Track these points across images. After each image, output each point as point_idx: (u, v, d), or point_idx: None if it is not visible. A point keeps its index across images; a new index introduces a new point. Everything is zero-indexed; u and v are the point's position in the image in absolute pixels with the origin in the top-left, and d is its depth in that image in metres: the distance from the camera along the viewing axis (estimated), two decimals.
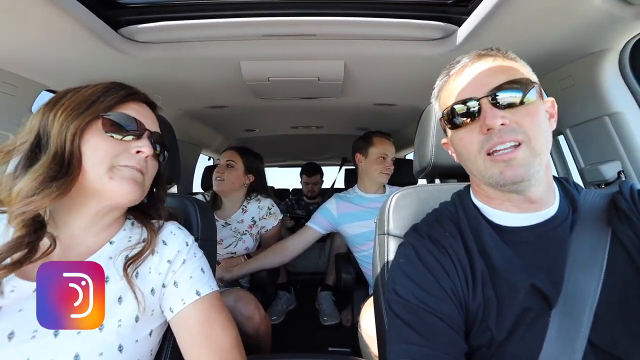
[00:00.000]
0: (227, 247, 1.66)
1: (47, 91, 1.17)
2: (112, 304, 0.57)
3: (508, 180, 0.53)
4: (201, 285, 0.65)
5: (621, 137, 0.91)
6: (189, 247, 0.69)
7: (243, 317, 1.34)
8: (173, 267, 0.65)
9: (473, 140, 0.55)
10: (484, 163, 0.54)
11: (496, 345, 0.52)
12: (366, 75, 1.23)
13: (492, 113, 0.52)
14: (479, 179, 0.59)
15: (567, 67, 1.00)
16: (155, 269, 0.63)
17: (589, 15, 0.78)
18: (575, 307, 0.50)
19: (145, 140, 0.61)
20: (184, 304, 0.62)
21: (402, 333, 0.54)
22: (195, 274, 0.66)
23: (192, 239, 0.71)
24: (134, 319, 0.58)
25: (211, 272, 0.71)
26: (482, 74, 0.57)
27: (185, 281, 0.64)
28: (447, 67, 0.64)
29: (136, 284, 0.59)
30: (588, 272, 0.51)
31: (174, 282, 0.64)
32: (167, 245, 0.66)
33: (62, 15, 0.74)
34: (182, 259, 0.66)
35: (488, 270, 0.56)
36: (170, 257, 0.65)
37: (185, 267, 0.65)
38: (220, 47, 0.98)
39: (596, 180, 0.97)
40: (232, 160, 1.71)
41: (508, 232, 0.58)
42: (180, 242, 0.68)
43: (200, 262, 0.69)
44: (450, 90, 0.60)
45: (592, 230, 0.54)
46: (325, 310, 2.10)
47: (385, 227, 0.79)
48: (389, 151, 1.68)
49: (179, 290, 0.63)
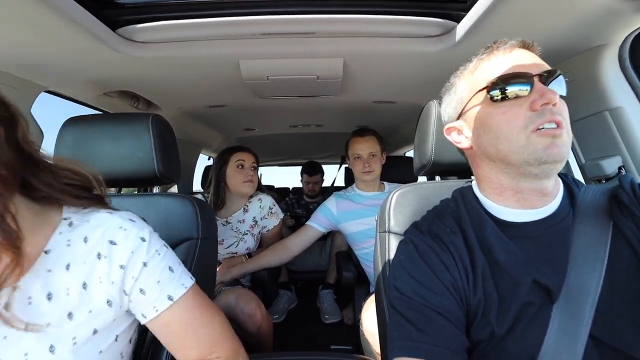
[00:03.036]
0: (229, 247, 1.66)
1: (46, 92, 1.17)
2: (61, 323, 0.50)
3: (550, 158, 0.51)
4: (172, 288, 0.57)
5: (622, 132, 0.91)
6: (148, 244, 0.57)
7: (245, 315, 1.34)
8: (131, 273, 0.55)
9: (519, 115, 0.53)
10: (528, 139, 0.52)
11: (497, 339, 0.52)
12: (365, 73, 1.23)
13: (551, 90, 0.52)
14: (503, 161, 0.56)
15: (567, 62, 1.00)
16: (107, 277, 0.53)
17: (588, 10, 0.77)
18: (576, 301, 0.50)
19: None
20: (157, 312, 0.56)
21: (403, 329, 0.54)
22: (163, 276, 0.57)
23: (149, 231, 0.59)
24: (92, 333, 0.52)
25: (183, 266, 0.62)
26: (531, 57, 0.57)
27: (153, 287, 0.56)
28: (489, 45, 0.61)
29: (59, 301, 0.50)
30: (589, 266, 0.51)
31: (139, 290, 0.55)
32: (117, 245, 0.55)
33: (59, 15, 0.74)
34: (141, 261, 0.55)
35: (489, 265, 0.56)
36: (122, 262, 0.54)
37: (148, 270, 0.56)
38: (218, 46, 0.98)
39: (597, 175, 0.97)
40: (255, 162, 1.72)
41: (511, 227, 0.58)
42: (134, 239, 0.56)
43: (166, 260, 0.58)
44: (497, 63, 0.58)
45: (592, 224, 0.54)
46: (326, 309, 2.11)
47: (386, 224, 0.79)
48: (361, 150, 1.65)
49: (148, 297, 0.56)
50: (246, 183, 1.65)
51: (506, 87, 0.54)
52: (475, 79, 0.60)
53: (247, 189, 1.67)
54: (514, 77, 0.54)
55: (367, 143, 1.65)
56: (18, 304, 0.48)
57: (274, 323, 1.58)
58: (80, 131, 0.91)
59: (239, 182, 1.65)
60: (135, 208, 0.89)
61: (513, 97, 0.54)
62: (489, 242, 0.57)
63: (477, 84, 0.59)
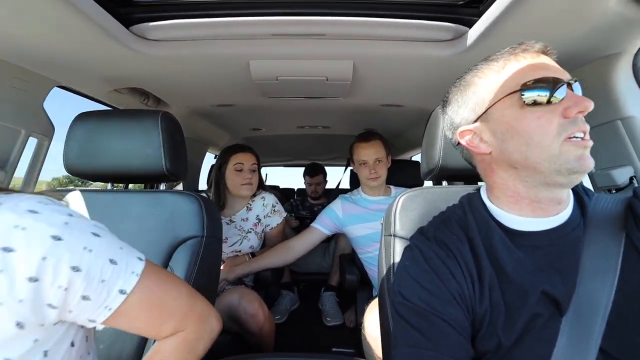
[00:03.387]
0: (232, 246, 1.66)
1: (58, 87, 1.19)
2: None
3: (582, 168, 0.51)
4: (122, 281, 0.48)
5: (634, 142, 0.89)
6: (66, 243, 0.43)
7: (247, 315, 1.34)
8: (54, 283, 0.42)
9: (553, 121, 0.51)
10: (561, 147, 0.51)
11: (504, 351, 0.51)
12: (374, 75, 1.23)
13: (585, 98, 0.51)
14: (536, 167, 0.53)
15: (579, 70, 0.98)
16: (9, 297, 0.40)
17: (602, 17, 0.76)
18: (586, 314, 0.49)
19: None
20: (111, 310, 0.47)
21: (407, 336, 0.53)
22: (106, 273, 0.46)
23: (64, 222, 0.44)
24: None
25: (125, 248, 0.51)
26: (555, 63, 0.56)
27: (98, 288, 0.45)
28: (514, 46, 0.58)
29: None
30: (600, 279, 0.50)
31: (80, 297, 0.44)
32: (16, 252, 0.40)
33: (73, 11, 0.75)
34: (66, 266, 0.42)
35: (496, 275, 0.55)
36: (30, 273, 0.40)
37: (85, 274, 0.44)
38: (229, 45, 0.99)
39: (607, 185, 0.95)
40: (255, 163, 1.71)
41: (520, 236, 0.57)
42: (41, 239, 0.41)
43: (102, 254, 0.47)
44: (529, 66, 0.55)
45: (604, 235, 0.53)
46: (328, 311, 2.10)
47: (391, 228, 0.79)
48: (366, 155, 1.63)
49: (95, 302, 0.46)
50: (244, 186, 1.64)
51: (542, 91, 0.51)
52: (503, 79, 0.56)
53: (245, 191, 1.66)
54: (550, 81, 0.51)
55: (372, 148, 1.63)
56: None
57: (276, 323, 1.58)
58: (90, 126, 0.92)
59: (237, 185, 1.65)
60: (142, 204, 0.91)
61: (546, 103, 0.51)
62: (496, 251, 0.56)
63: (506, 85, 0.55)
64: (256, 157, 1.73)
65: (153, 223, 0.89)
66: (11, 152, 1.06)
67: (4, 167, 1.05)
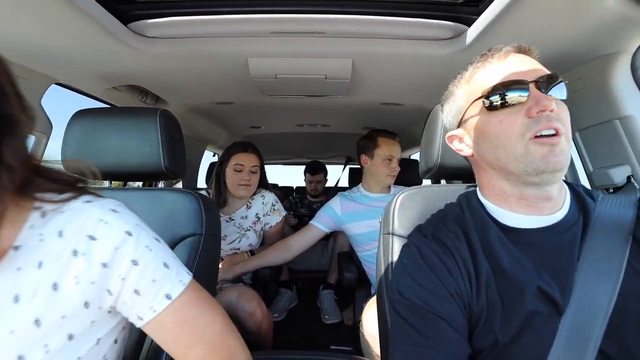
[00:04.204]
0: (231, 243, 1.66)
1: (56, 84, 1.19)
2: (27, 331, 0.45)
3: (549, 167, 0.51)
4: (170, 286, 0.52)
5: (632, 141, 0.89)
6: (136, 239, 0.50)
7: (245, 314, 1.34)
8: (117, 272, 0.49)
9: (516, 123, 0.53)
10: (526, 147, 0.52)
11: (500, 348, 0.51)
12: (374, 74, 1.23)
13: (546, 96, 0.52)
14: (504, 169, 0.56)
15: (578, 69, 0.99)
16: (85, 277, 0.47)
17: (601, 17, 0.76)
18: (587, 315, 0.49)
19: None
20: (155, 313, 0.51)
21: (405, 333, 0.53)
22: (158, 274, 0.51)
23: (136, 223, 0.52)
24: (66, 338, 0.47)
25: (178, 260, 0.57)
26: (529, 63, 0.57)
27: (149, 286, 0.50)
28: (484, 53, 0.61)
29: (26, 305, 0.45)
30: (603, 280, 0.50)
31: (133, 291, 0.50)
32: (97, 241, 0.48)
33: (71, 8, 0.75)
34: (129, 259, 0.49)
35: (493, 271, 0.55)
36: (104, 259, 0.48)
37: (141, 269, 0.50)
38: (228, 43, 0.98)
39: (604, 184, 0.96)
40: (257, 165, 1.69)
41: (515, 233, 0.57)
42: (117, 233, 0.49)
43: (159, 256, 0.53)
44: (493, 71, 0.58)
45: (609, 238, 0.53)
46: (326, 309, 2.11)
47: (390, 226, 0.79)
48: (395, 152, 1.64)
49: (144, 298, 0.50)
50: (241, 186, 1.64)
51: (501, 95, 0.54)
52: (471, 88, 0.61)
53: (242, 192, 1.65)
54: (509, 85, 0.54)
55: (397, 147, 1.66)
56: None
57: (274, 321, 1.59)
58: (88, 124, 0.92)
59: (234, 184, 1.64)
60: (141, 202, 0.90)
61: (509, 105, 0.54)
62: (493, 248, 0.56)
63: (473, 92, 0.59)
64: (259, 158, 1.71)
65: (151, 221, 0.87)
66: None
67: None
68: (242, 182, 1.63)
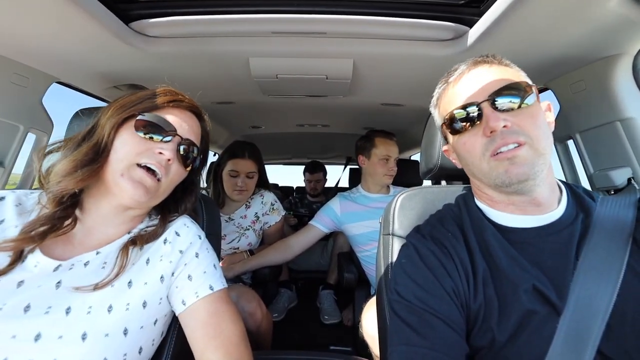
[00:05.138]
0: (230, 243, 1.66)
1: (58, 83, 1.19)
2: (122, 288, 0.59)
3: (514, 179, 0.53)
4: (214, 281, 0.67)
5: (632, 143, 0.89)
6: (202, 242, 0.70)
7: (245, 314, 1.34)
8: (185, 259, 0.66)
9: (476, 143, 0.56)
10: (489, 164, 0.55)
11: (498, 346, 0.51)
12: (375, 74, 1.23)
13: (494, 116, 0.54)
14: (483, 182, 0.60)
15: (579, 71, 0.99)
16: (167, 257, 0.65)
17: (603, 19, 0.76)
18: (585, 316, 0.49)
19: (172, 143, 0.64)
20: (197, 297, 0.64)
21: (403, 333, 0.54)
22: (209, 269, 0.68)
23: (204, 234, 0.73)
24: (142, 305, 0.60)
25: (220, 269, 0.72)
26: (481, 80, 0.58)
27: (200, 275, 0.66)
28: (445, 75, 0.65)
29: (126, 270, 0.61)
30: (602, 280, 0.50)
31: (187, 276, 0.65)
32: (180, 237, 0.68)
33: (73, 7, 0.75)
34: (195, 252, 0.68)
35: (490, 270, 0.56)
36: (182, 248, 0.67)
37: (199, 261, 0.67)
38: (229, 43, 0.99)
39: (605, 186, 0.96)
40: (253, 171, 1.67)
41: (511, 233, 0.58)
42: (193, 234, 0.70)
43: (212, 258, 0.70)
44: (450, 97, 0.62)
45: (609, 239, 0.53)
46: (326, 309, 2.11)
47: (390, 227, 0.79)
48: (392, 152, 1.65)
49: (193, 283, 0.65)
50: (236, 192, 1.63)
51: (457, 121, 0.58)
52: (440, 112, 0.65)
53: (237, 197, 1.64)
54: (462, 109, 0.57)
55: (394, 147, 1.68)
56: None
57: (274, 321, 1.58)
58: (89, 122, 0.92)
59: (230, 189, 1.64)
60: None
61: (469, 127, 0.57)
62: (490, 247, 0.57)
63: (442, 116, 0.64)
64: (255, 163, 1.68)
65: None
66: (9, 148, 1.06)
67: (2, 163, 1.05)
68: (237, 188, 1.63)
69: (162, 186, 0.64)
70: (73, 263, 0.59)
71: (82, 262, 0.60)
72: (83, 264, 0.60)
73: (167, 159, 0.62)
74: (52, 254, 0.59)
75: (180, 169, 0.67)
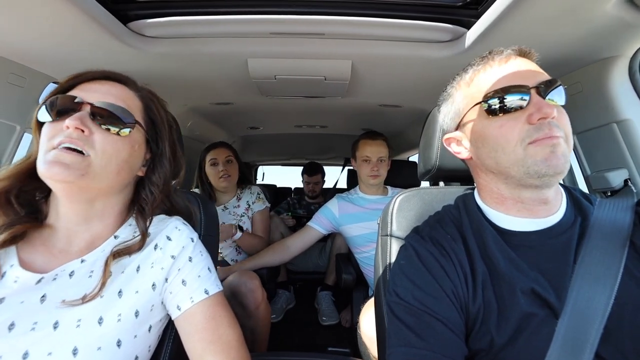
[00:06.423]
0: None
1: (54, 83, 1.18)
2: (112, 298, 0.57)
3: (550, 170, 0.51)
4: (209, 284, 0.65)
5: (629, 145, 0.90)
6: (195, 244, 0.68)
7: (247, 289, 1.38)
8: (178, 264, 0.64)
9: (515, 128, 0.53)
10: (525, 151, 0.52)
11: (497, 349, 0.51)
12: (373, 75, 1.23)
13: (548, 103, 0.52)
14: (502, 173, 0.56)
15: (576, 73, 0.99)
16: (158, 263, 0.63)
17: (600, 21, 0.77)
18: (583, 319, 0.49)
19: (78, 113, 0.56)
20: (193, 302, 0.62)
21: (402, 335, 0.53)
22: (203, 273, 0.66)
23: (197, 236, 0.70)
24: (134, 314, 0.58)
25: (216, 271, 0.70)
26: (528, 66, 0.57)
27: (194, 280, 0.64)
28: (484, 55, 0.61)
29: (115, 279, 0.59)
30: (600, 284, 0.50)
31: (182, 281, 0.63)
32: (172, 241, 0.66)
33: (70, 7, 0.74)
34: (188, 256, 0.65)
35: (489, 273, 0.56)
36: (174, 253, 0.64)
37: (192, 265, 0.65)
38: (227, 43, 0.98)
39: (602, 187, 0.96)
40: (230, 156, 1.82)
41: (512, 236, 0.58)
42: (185, 238, 0.67)
43: (206, 261, 0.68)
44: (493, 75, 0.57)
45: (607, 242, 0.53)
46: (324, 310, 2.10)
47: (388, 228, 0.79)
48: (372, 152, 1.65)
49: (188, 288, 0.63)
50: (221, 178, 1.76)
51: (502, 100, 0.53)
52: (471, 92, 0.60)
53: (224, 183, 1.77)
54: (510, 90, 0.53)
55: (377, 147, 1.66)
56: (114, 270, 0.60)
57: (272, 322, 1.58)
58: None
59: (215, 178, 1.78)
60: None
61: (510, 110, 0.53)
62: (489, 249, 0.57)
63: (473, 97, 0.59)
64: (230, 150, 1.85)
65: None
66: (6, 148, 1.05)
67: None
68: (221, 173, 1.76)
69: (96, 160, 0.56)
70: (57, 274, 0.56)
71: (67, 272, 0.57)
72: (68, 275, 0.57)
73: (74, 128, 0.55)
74: (32, 267, 0.56)
75: (110, 138, 0.58)
